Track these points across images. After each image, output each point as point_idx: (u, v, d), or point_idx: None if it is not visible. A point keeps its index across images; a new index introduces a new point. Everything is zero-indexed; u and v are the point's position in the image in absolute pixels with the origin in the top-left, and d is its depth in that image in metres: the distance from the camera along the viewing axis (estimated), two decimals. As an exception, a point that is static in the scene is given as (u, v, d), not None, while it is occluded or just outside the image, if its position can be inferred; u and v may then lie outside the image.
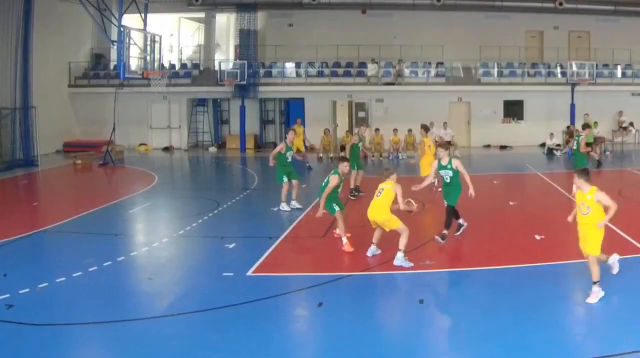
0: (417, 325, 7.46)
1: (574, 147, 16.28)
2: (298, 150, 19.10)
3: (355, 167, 15.34)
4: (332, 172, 10.81)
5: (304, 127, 25.43)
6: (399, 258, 9.56)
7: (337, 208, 10.70)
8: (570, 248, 9.21)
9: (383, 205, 9.72)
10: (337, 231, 10.85)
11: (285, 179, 14.26)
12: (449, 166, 10.99)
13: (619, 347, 6.41)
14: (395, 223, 9.69)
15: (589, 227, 7.85)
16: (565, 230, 9.09)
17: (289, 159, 14.46)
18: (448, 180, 11.05)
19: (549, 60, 30.79)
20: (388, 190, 9.76)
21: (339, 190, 10.89)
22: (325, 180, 10.72)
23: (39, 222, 13.63)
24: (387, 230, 9.81)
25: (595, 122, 26.69)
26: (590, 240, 7.85)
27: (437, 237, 10.82)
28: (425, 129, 17.08)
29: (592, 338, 6.82)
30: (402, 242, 9.57)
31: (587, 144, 20.71)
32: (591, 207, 7.81)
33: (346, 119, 30.90)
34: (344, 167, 10.94)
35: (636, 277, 8.84)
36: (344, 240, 10.52)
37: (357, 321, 7.50)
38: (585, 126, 16.99)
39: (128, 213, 14.53)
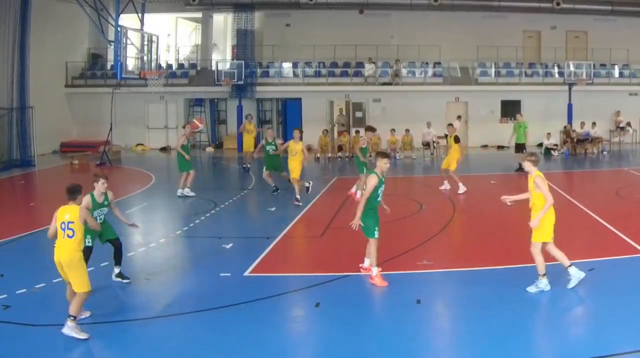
0: (415, 325, 7.45)
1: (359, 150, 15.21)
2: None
3: (270, 168, 16.17)
4: (369, 171, 9.23)
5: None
6: None
7: (377, 233, 8.74)
8: (568, 248, 9.21)
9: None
10: (365, 264, 9.22)
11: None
12: None
13: (619, 346, 6.41)
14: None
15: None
16: (562, 230, 9.08)
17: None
18: None
19: (547, 60, 30.83)
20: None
21: (380, 197, 8.91)
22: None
23: (36, 222, 13.59)
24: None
25: (594, 122, 26.75)
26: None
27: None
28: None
29: (591, 338, 6.82)
30: None
31: (518, 146, 20.91)
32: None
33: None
34: (384, 164, 8.85)
35: (635, 277, 8.85)
36: (374, 271, 8.79)
37: (354, 321, 7.49)
38: (369, 128, 15.75)
39: (125, 214, 14.47)
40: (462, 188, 16.28)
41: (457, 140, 16.83)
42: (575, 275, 8.29)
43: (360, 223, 8.59)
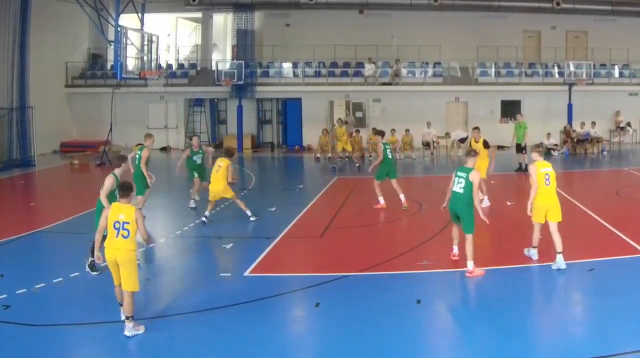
0: (415, 325, 7.45)
1: (389, 156, 13.88)
2: None
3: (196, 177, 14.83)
4: (460, 169, 9.36)
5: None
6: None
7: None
8: (567, 248, 9.22)
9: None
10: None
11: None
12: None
13: (619, 347, 6.41)
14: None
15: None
16: (562, 230, 9.10)
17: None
18: None
19: (547, 60, 30.78)
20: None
21: None
22: (463, 183, 9.15)
23: (36, 222, 13.59)
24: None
25: (593, 122, 26.74)
26: None
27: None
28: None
29: (591, 338, 6.82)
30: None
31: (518, 146, 20.79)
32: None
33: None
34: (475, 160, 9.52)
35: (634, 277, 8.85)
36: (471, 265, 8.96)
37: (354, 321, 7.49)
38: (378, 132, 14.68)
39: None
40: (486, 202, 14.21)
41: (486, 145, 14.70)
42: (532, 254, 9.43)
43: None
